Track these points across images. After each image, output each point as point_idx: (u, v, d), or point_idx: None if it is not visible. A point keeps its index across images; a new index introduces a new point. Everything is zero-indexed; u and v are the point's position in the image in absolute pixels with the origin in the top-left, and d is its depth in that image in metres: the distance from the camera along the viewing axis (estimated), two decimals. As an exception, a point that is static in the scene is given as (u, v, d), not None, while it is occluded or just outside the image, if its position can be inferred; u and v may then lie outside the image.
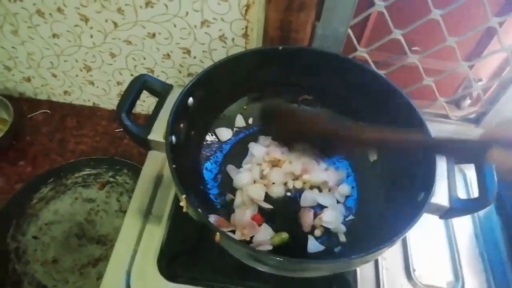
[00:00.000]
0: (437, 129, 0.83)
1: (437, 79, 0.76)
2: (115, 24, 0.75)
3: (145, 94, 0.89)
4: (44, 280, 0.73)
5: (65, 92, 0.93)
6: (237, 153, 0.70)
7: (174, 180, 0.49)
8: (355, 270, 0.58)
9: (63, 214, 0.81)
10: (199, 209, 0.47)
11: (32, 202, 0.81)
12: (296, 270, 0.48)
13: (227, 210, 0.63)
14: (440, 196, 0.52)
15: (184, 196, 0.48)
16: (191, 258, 0.60)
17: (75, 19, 0.75)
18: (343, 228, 0.62)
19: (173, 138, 0.55)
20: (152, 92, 0.61)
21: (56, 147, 0.89)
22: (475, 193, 0.53)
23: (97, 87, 0.90)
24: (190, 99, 0.59)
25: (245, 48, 0.75)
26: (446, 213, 0.53)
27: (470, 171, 0.56)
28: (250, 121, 0.74)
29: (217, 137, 0.71)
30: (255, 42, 0.74)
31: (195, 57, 0.79)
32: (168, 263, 0.59)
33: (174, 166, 0.50)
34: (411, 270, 0.60)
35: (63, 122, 0.92)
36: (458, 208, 0.51)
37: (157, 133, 0.57)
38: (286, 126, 0.60)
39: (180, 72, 0.83)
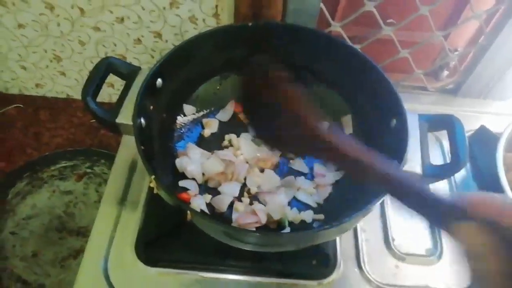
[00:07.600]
0: (416, 100, 0.83)
1: (413, 51, 0.75)
2: (82, 11, 0.72)
3: (119, 82, 0.87)
4: (24, 274, 0.72)
5: (37, 85, 0.90)
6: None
7: (142, 161, 0.48)
8: (335, 244, 0.58)
9: (41, 208, 0.79)
10: (168, 189, 0.46)
11: (8, 198, 0.79)
12: (270, 244, 0.47)
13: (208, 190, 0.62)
14: (413, 163, 0.51)
15: (153, 176, 0.47)
16: (169, 241, 0.59)
17: (40, 7, 0.72)
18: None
19: (142, 120, 0.54)
20: (119, 74, 0.59)
21: (31, 141, 0.87)
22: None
23: (69, 77, 0.88)
24: (159, 80, 0.58)
25: (216, 28, 0.73)
26: (421, 180, 0.52)
27: (446, 139, 0.55)
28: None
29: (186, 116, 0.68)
30: (226, 21, 0.72)
31: (167, 41, 0.77)
32: (145, 248, 0.58)
33: (142, 148, 0.49)
34: (390, 240, 0.60)
35: (37, 116, 0.90)
36: (431, 174, 0.51)
37: (125, 116, 0.55)
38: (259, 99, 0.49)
39: (152, 57, 0.81)
